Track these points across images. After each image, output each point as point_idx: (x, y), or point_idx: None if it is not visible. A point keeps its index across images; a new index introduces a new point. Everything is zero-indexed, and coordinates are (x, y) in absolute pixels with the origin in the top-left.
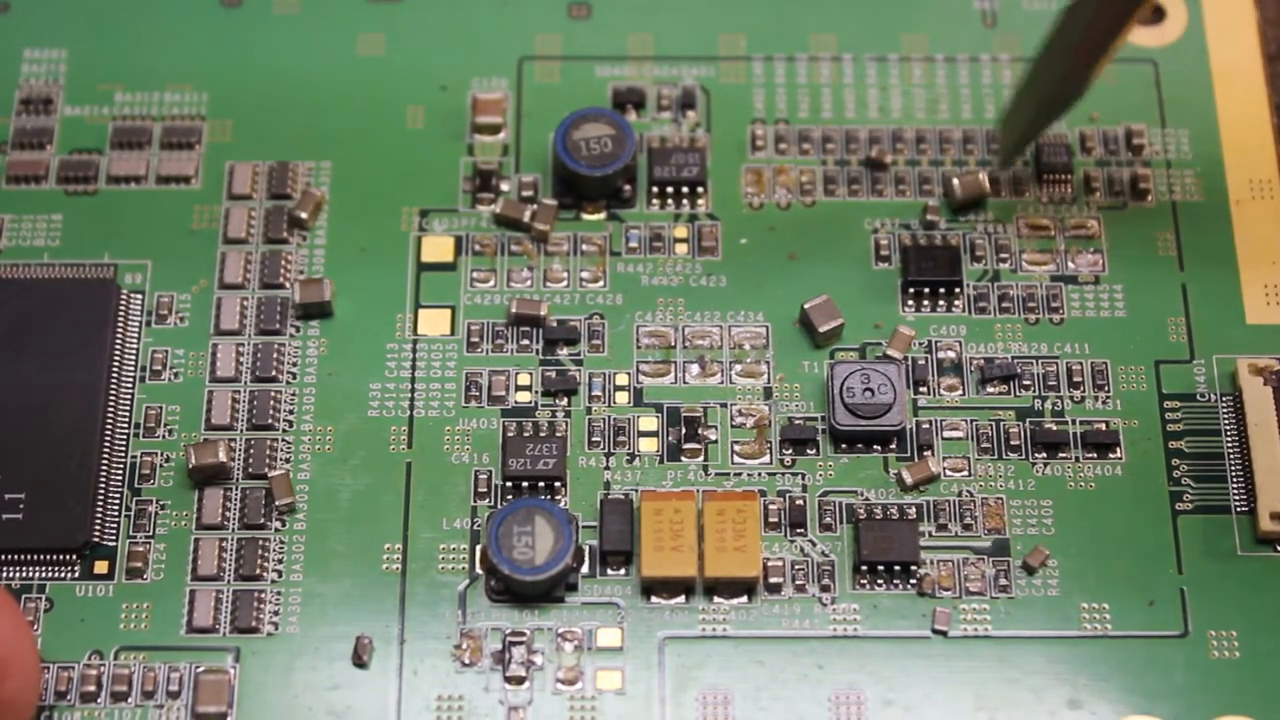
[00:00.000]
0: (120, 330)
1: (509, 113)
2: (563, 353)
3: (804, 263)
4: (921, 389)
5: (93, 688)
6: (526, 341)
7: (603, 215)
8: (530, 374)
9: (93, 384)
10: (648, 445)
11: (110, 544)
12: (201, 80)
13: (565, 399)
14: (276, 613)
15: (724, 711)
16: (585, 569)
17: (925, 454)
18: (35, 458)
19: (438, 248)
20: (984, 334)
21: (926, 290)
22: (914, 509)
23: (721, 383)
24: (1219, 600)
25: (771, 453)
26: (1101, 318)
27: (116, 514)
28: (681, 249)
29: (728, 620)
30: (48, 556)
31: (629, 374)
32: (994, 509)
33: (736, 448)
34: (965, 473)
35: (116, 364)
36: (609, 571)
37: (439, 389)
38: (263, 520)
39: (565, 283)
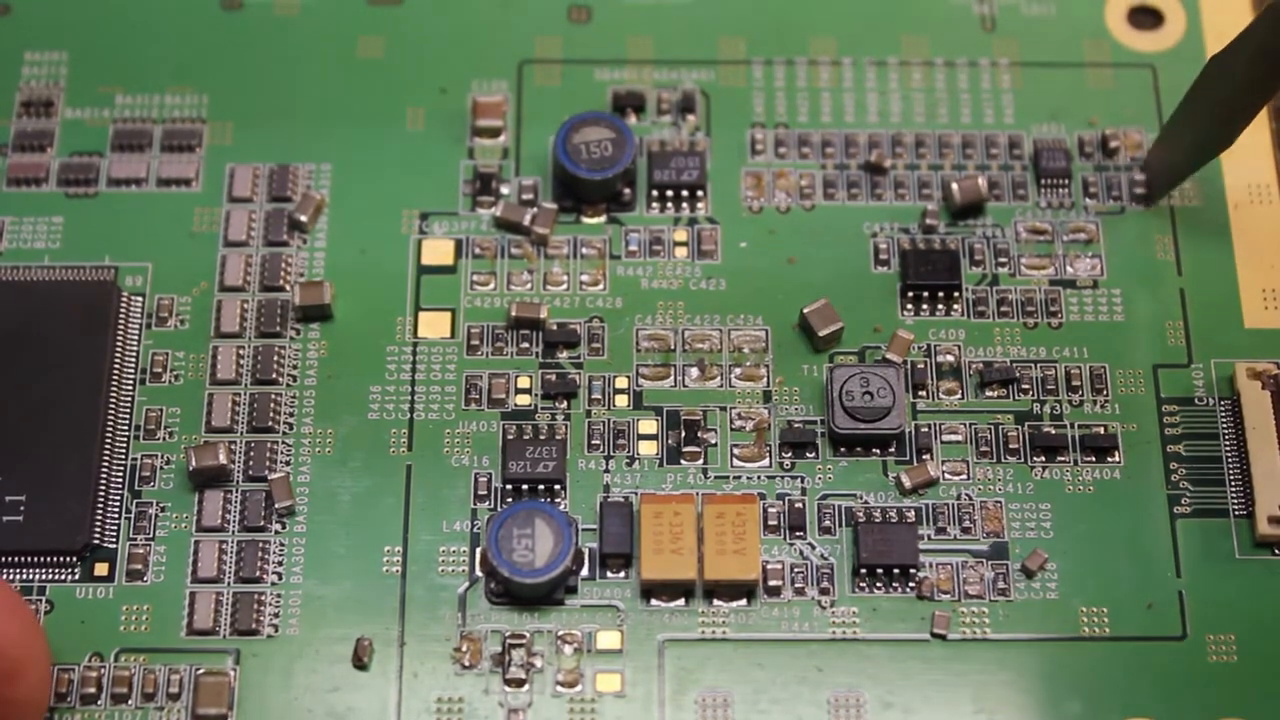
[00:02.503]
0: (120, 332)
1: (509, 116)
2: (562, 356)
3: (803, 266)
4: (920, 392)
5: (93, 690)
6: (526, 344)
7: (602, 219)
8: (530, 377)
9: (93, 386)
10: (647, 448)
11: (110, 546)
12: (202, 83)
13: (565, 402)
14: (276, 615)
15: (723, 714)
16: (585, 571)
17: (924, 457)
18: (36, 460)
19: (438, 250)
20: (983, 338)
21: (925, 294)
22: (913, 512)
23: (721, 386)
24: (1217, 603)
25: (771, 456)
26: (1100, 322)
27: (117, 516)
28: (681, 252)
29: (727, 623)
30: (48, 558)
31: (629, 377)
32: (993, 512)
33: (736, 451)
34: (964, 476)
35: (117, 366)
36: (609, 574)
37: (439, 391)
38: (263, 522)
39: (565, 286)
